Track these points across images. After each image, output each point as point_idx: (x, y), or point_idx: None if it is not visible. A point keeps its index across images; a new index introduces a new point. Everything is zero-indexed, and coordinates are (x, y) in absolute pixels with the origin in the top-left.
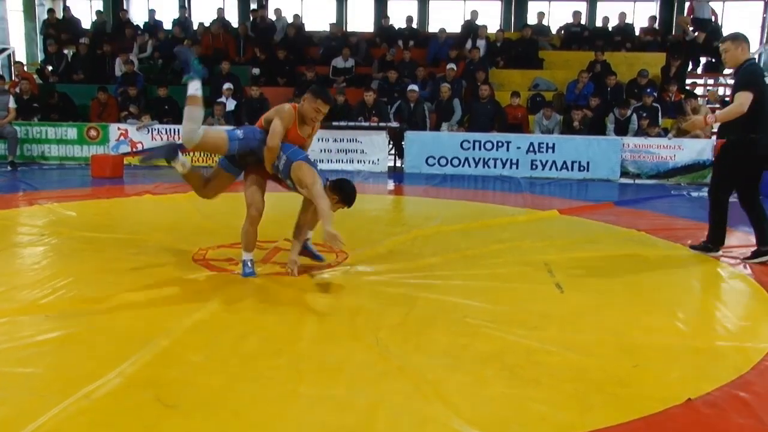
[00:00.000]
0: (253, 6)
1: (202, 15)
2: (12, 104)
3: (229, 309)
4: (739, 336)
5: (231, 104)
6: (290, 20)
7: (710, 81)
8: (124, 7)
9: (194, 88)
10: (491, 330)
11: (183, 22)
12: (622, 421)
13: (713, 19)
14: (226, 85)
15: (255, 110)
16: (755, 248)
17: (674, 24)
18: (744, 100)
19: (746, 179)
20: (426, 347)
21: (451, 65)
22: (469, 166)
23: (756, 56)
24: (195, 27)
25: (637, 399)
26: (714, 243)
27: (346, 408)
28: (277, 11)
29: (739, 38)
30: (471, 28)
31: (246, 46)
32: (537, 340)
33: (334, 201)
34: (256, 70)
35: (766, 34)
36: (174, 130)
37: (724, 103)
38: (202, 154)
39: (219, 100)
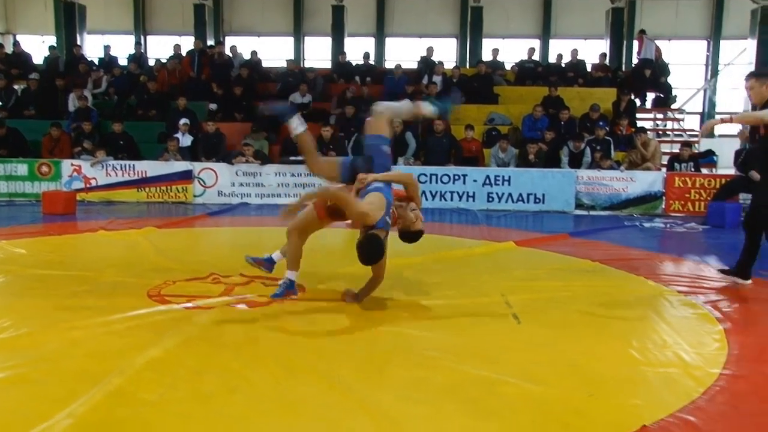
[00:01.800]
0: (210, 42)
1: (158, 51)
2: None
3: (185, 345)
4: (690, 363)
5: (187, 140)
6: (247, 56)
7: (659, 115)
8: (78, 43)
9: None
10: (451, 363)
11: (138, 57)
12: None
13: (655, 56)
14: (183, 121)
15: (212, 146)
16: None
17: (623, 60)
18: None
19: None
20: (386, 382)
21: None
22: (426, 199)
23: (701, 92)
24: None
25: (593, 428)
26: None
27: None
28: (233, 48)
29: (763, 76)
30: (427, 64)
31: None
32: (495, 372)
33: None
34: (213, 106)
35: (709, 72)
36: (129, 165)
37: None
38: None
39: (175, 135)
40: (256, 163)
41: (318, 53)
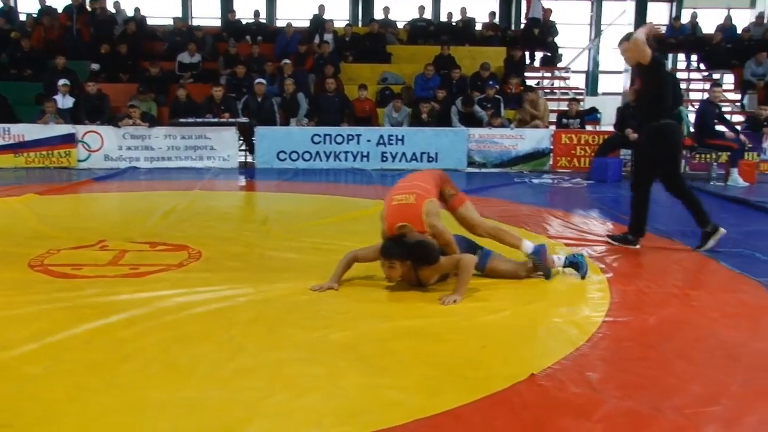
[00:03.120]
0: None
1: (30, 5)
2: None
3: (72, 316)
4: (575, 312)
5: (68, 101)
6: (131, 13)
7: (547, 74)
8: None
9: None
10: (345, 322)
11: (8, 12)
12: (471, 400)
13: (543, 17)
14: (62, 81)
15: (95, 108)
16: (701, 233)
17: (513, 19)
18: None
19: (668, 167)
20: (279, 342)
21: (287, 60)
22: (321, 160)
23: (586, 51)
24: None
25: (485, 378)
26: (634, 235)
27: (198, 409)
28: (116, 4)
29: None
30: (318, 23)
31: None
32: (389, 329)
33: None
34: (95, 66)
35: (593, 32)
36: (4, 129)
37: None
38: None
39: (53, 96)
40: (144, 126)
41: (206, 11)
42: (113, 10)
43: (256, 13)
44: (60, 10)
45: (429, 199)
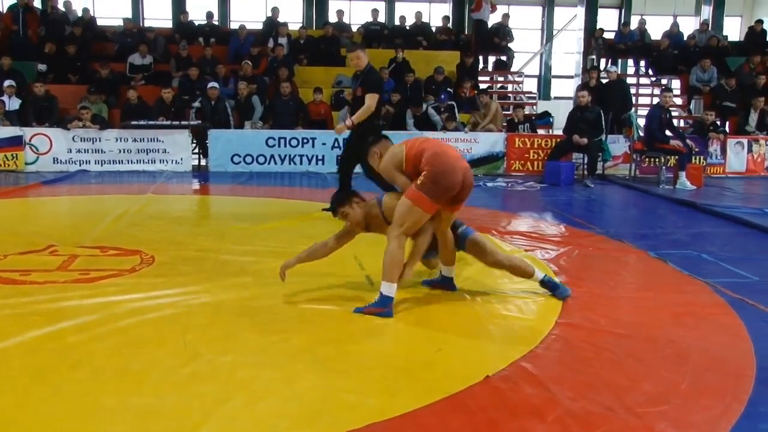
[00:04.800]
0: None
1: None
2: None
3: (20, 323)
4: (529, 314)
5: (15, 103)
6: (80, 14)
7: (500, 78)
8: None
9: None
10: (302, 325)
11: None
12: (427, 403)
13: (500, 22)
14: (8, 82)
15: (43, 109)
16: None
17: (466, 24)
18: (373, 102)
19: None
20: (236, 347)
21: (247, 62)
22: (275, 163)
23: (538, 56)
24: None
25: (441, 380)
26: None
27: (152, 415)
28: (67, 4)
29: (364, 46)
30: (272, 25)
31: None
32: (347, 332)
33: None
34: (42, 66)
35: (545, 37)
36: None
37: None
38: None
39: (0, 98)
40: (95, 128)
41: (158, 12)
42: (64, 10)
43: (209, 15)
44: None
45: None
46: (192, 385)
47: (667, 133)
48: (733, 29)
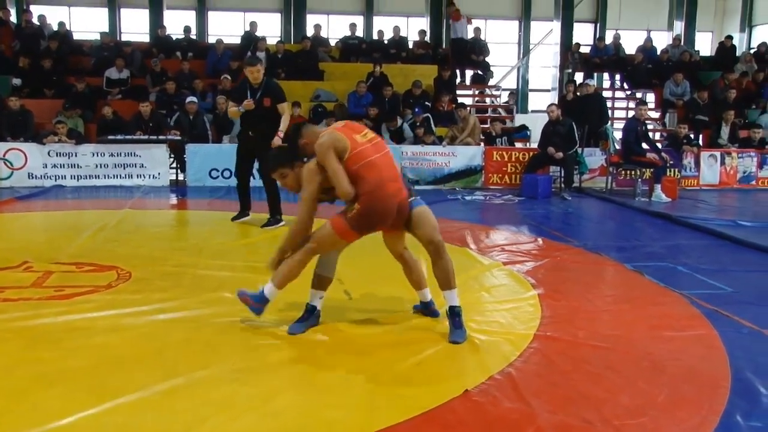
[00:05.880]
0: (12, 10)
1: None
2: None
3: None
4: (508, 328)
5: None
6: (55, 27)
7: (477, 92)
8: None
9: None
10: (281, 341)
11: None
12: (407, 418)
13: (473, 36)
14: None
15: (17, 124)
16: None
17: (443, 38)
18: (290, 109)
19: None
20: (215, 363)
21: (226, 76)
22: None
23: (515, 70)
24: None
25: (421, 395)
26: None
27: None
28: (42, 17)
29: (257, 61)
30: (251, 39)
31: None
32: (325, 347)
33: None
34: (16, 81)
35: (522, 51)
36: None
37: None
38: None
39: None
40: (71, 143)
41: (136, 26)
42: (38, 23)
43: (187, 29)
44: None
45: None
46: (170, 403)
47: (644, 146)
48: (705, 44)
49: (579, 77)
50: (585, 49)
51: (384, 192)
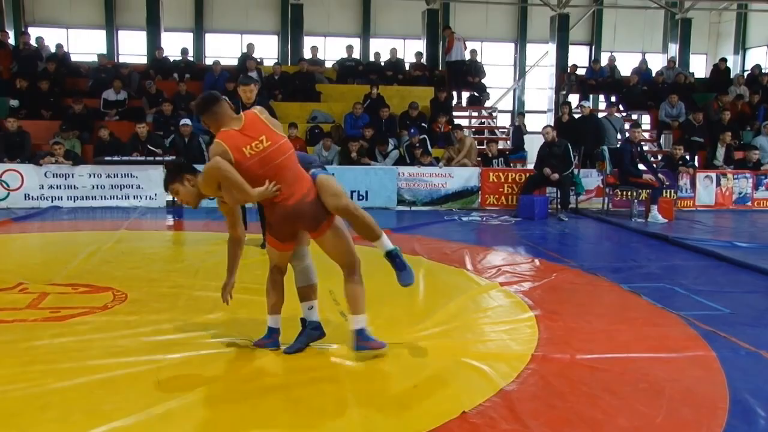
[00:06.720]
0: (10, 33)
1: None
2: None
3: None
4: (505, 349)
5: None
6: (53, 49)
7: (474, 113)
8: None
9: None
10: (277, 363)
11: None
12: None
13: (470, 58)
14: None
15: (14, 145)
16: None
17: (439, 60)
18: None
19: None
20: (211, 385)
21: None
22: None
23: (511, 91)
24: None
25: (418, 417)
26: None
27: None
28: (39, 40)
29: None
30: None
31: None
32: (322, 369)
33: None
34: (14, 102)
35: (518, 72)
36: None
37: None
38: None
39: None
40: (68, 164)
41: (134, 48)
42: (36, 46)
43: (184, 51)
44: None
45: None
46: (165, 426)
47: (641, 166)
48: (699, 66)
49: (575, 99)
50: (581, 71)
51: (270, 201)
